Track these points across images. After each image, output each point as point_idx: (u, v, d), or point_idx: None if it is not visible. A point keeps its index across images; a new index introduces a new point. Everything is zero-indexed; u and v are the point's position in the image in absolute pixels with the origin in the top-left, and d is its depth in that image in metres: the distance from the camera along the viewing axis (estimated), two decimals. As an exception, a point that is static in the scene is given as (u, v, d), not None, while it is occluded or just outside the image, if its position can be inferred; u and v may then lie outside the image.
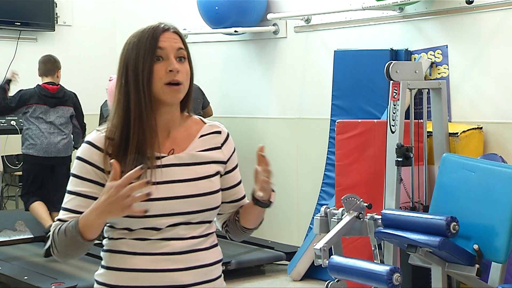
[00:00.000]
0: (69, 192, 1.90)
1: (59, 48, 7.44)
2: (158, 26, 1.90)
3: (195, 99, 6.38)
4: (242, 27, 6.47)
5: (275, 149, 6.66)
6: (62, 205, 1.90)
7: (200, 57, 7.16)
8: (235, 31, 6.46)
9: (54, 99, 6.10)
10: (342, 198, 4.02)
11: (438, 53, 5.31)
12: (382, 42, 5.66)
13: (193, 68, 1.94)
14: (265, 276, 5.95)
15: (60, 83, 6.22)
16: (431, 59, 5.34)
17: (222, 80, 7.20)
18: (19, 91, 6.10)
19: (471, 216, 3.73)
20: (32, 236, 6.48)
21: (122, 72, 1.88)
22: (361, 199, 4.02)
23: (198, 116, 2.04)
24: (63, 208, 1.89)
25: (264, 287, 5.66)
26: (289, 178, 6.56)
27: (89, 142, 1.89)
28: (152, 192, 1.70)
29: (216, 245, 1.98)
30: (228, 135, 2.03)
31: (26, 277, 5.32)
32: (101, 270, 1.94)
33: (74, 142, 6.31)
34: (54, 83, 6.14)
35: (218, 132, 2.01)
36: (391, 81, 4.54)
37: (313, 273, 5.66)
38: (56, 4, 7.36)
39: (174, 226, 1.87)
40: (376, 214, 3.95)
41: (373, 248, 3.96)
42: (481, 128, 4.96)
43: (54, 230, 1.86)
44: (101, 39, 7.63)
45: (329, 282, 3.85)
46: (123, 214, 1.72)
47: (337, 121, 5.37)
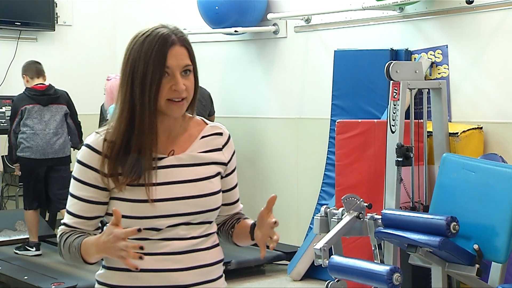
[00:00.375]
0: (72, 195, 1.91)
1: (59, 48, 7.45)
2: (167, 39, 1.84)
3: (203, 105, 6.33)
4: (242, 27, 6.47)
5: (275, 149, 6.67)
6: (67, 207, 1.92)
7: (200, 57, 7.08)
8: (235, 31, 6.46)
9: (45, 97, 6.03)
10: (342, 198, 4.02)
11: (438, 53, 5.31)
12: (382, 42, 5.66)
13: (198, 74, 1.94)
14: (265, 276, 5.95)
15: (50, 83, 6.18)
16: (431, 59, 5.34)
17: (222, 80, 7.20)
18: (12, 101, 6.09)
19: (471, 216, 3.73)
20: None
21: (128, 81, 1.84)
22: (361, 199, 4.02)
23: (201, 117, 2.03)
24: (68, 212, 1.92)
25: (264, 287, 5.66)
26: (289, 178, 6.56)
27: (89, 146, 1.88)
28: (144, 247, 1.72)
29: (218, 245, 1.98)
30: (230, 137, 2.02)
31: (26, 277, 5.32)
32: (102, 270, 1.94)
33: (72, 142, 6.30)
34: (43, 84, 6.09)
35: (220, 134, 2.00)
36: (391, 81, 4.54)
37: (313, 273, 5.66)
38: (56, 4, 7.36)
39: (174, 227, 1.87)
40: (376, 214, 3.96)
41: (373, 248, 3.96)
42: (481, 128, 4.96)
43: (62, 237, 1.89)
44: (101, 39, 7.63)
45: (329, 282, 3.85)
46: (118, 259, 1.74)
47: (337, 121, 5.37)
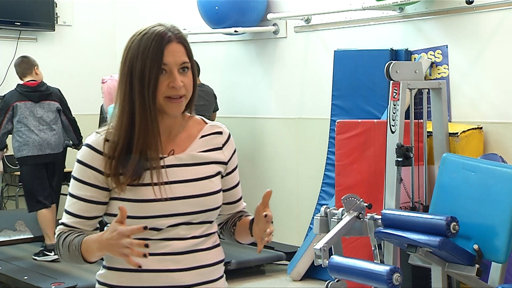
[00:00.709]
0: (71, 195, 1.90)
1: (59, 48, 7.45)
2: (163, 37, 1.83)
3: (208, 103, 6.32)
4: (242, 27, 6.47)
5: (275, 149, 6.67)
6: (65, 207, 1.92)
7: (200, 57, 7.15)
8: (235, 31, 6.46)
9: (37, 93, 6.02)
10: (342, 198, 4.02)
11: (438, 53, 5.31)
12: (382, 42, 5.66)
13: (196, 71, 1.93)
14: (265, 276, 5.95)
15: (43, 80, 6.16)
16: (431, 59, 5.34)
17: (222, 80, 7.19)
18: (2, 97, 6.08)
19: (471, 216, 3.73)
20: (32, 236, 6.48)
21: (127, 80, 1.85)
22: (361, 199, 4.02)
23: (200, 117, 2.03)
24: (66, 211, 1.91)
25: (264, 287, 5.66)
26: (289, 178, 6.56)
27: (89, 145, 1.88)
28: (149, 245, 1.72)
29: (218, 245, 1.98)
30: (230, 136, 2.02)
31: (26, 277, 5.32)
32: (103, 270, 1.94)
33: (69, 138, 6.29)
34: (34, 80, 6.09)
35: (220, 133, 2.00)
36: (391, 81, 4.54)
37: (313, 273, 5.66)
38: (56, 4, 7.36)
39: (175, 227, 1.87)
40: (376, 214, 3.95)
41: (373, 248, 3.96)
42: (481, 128, 4.96)
43: (60, 237, 1.89)
44: (101, 39, 7.63)
45: (329, 282, 3.85)
46: (119, 257, 1.74)
47: (337, 121, 5.37)
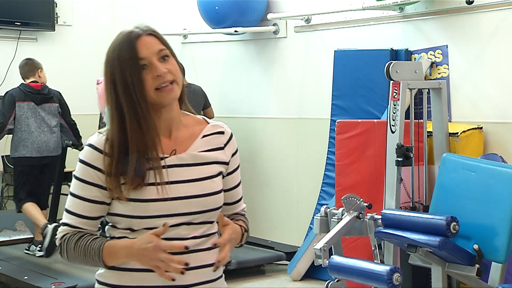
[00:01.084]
0: (73, 195, 1.90)
1: (59, 48, 7.45)
2: (131, 34, 1.85)
3: (197, 101, 6.36)
4: (242, 27, 6.46)
5: (275, 149, 6.67)
6: (67, 207, 1.91)
7: (200, 57, 7.16)
8: (235, 31, 6.46)
9: (40, 96, 6.04)
10: (342, 198, 4.02)
11: (438, 53, 5.31)
12: (382, 42, 5.66)
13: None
14: (265, 276, 5.95)
15: (45, 83, 6.16)
16: (431, 59, 5.34)
17: (222, 80, 7.19)
18: (6, 93, 6.08)
19: (471, 216, 3.73)
20: (32, 236, 6.47)
21: (111, 88, 1.85)
22: (361, 199, 4.02)
23: (202, 116, 2.03)
24: (69, 211, 1.90)
25: (264, 287, 5.66)
26: (289, 178, 6.56)
27: (92, 145, 1.89)
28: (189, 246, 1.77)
29: (218, 245, 1.98)
30: (232, 136, 2.02)
31: (26, 277, 5.32)
32: (102, 270, 1.94)
33: (70, 141, 6.30)
34: (37, 82, 6.09)
35: (221, 133, 2.00)
36: (391, 81, 4.54)
37: (313, 273, 5.66)
38: (56, 4, 7.36)
39: (176, 227, 1.87)
40: (376, 214, 3.95)
41: (373, 248, 3.96)
42: (481, 128, 4.96)
43: (68, 240, 1.87)
44: (101, 39, 7.57)
45: (329, 282, 3.85)
46: (150, 267, 1.76)
47: (337, 121, 5.37)
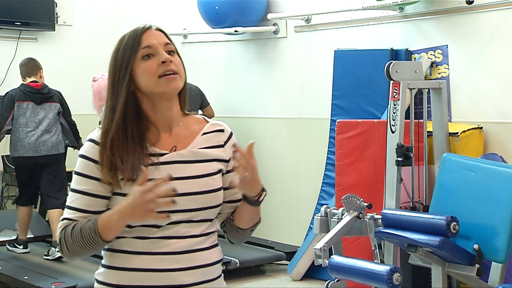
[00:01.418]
0: (74, 191, 1.90)
1: (59, 48, 7.44)
2: (139, 27, 1.93)
3: (194, 100, 6.37)
4: (242, 27, 6.47)
5: (275, 149, 6.67)
6: (68, 204, 1.91)
7: (200, 57, 7.16)
8: (235, 31, 6.46)
9: (40, 95, 6.02)
10: (342, 198, 4.02)
11: (438, 53, 5.31)
12: (382, 42, 5.66)
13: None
14: (265, 276, 5.95)
15: (45, 83, 6.16)
16: (431, 59, 5.34)
17: (222, 80, 7.19)
18: (6, 94, 6.07)
19: (471, 216, 3.73)
20: (32, 236, 6.48)
21: (111, 75, 1.92)
22: (361, 199, 4.02)
23: (202, 115, 2.05)
24: (69, 207, 1.90)
25: (264, 287, 5.66)
26: (289, 178, 6.56)
27: (92, 140, 1.90)
28: (176, 189, 1.74)
29: (217, 245, 1.98)
30: (231, 134, 2.03)
31: (26, 277, 5.32)
32: (102, 269, 1.94)
33: (68, 141, 6.30)
34: (37, 82, 6.08)
35: (221, 131, 2.01)
36: (391, 81, 4.54)
37: (313, 273, 5.66)
38: (56, 4, 7.36)
39: (175, 224, 1.87)
40: (376, 214, 3.95)
41: (373, 248, 3.96)
42: (481, 128, 4.96)
43: (65, 230, 1.86)
44: (101, 39, 7.62)
45: (329, 282, 3.85)
46: (146, 219, 1.74)
47: (337, 121, 5.37)
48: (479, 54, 5.11)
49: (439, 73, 5.30)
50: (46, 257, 5.91)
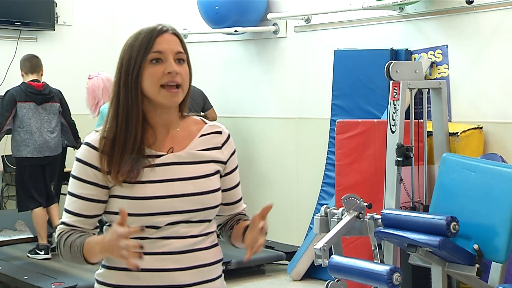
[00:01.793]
0: (71, 194, 1.91)
1: (59, 48, 7.44)
2: (156, 28, 1.89)
3: (196, 103, 6.36)
4: (242, 27, 6.47)
5: (275, 149, 6.67)
6: (65, 207, 1.92)
7: (200, 57, 7.16)
8: (235, 31, 6.46)
9: (41, 96, 6.01)
10: (342, 198, 4.02)
11: (438, 53, 5.31)
12: (382, 42, 5.66)
13: (192, 70, 1.94)
14: (265, 276, 5.95)
15: (46, 82, 6.16)
16: (431, 59, 5.34)
17: (222, 80, 7.20)
18: (6, 92, 6.05)
19: (471, 216, 3.73)
20: (32, 236, 6.47)
21: (117, 74, 1.89)
22: (361, 199, 4.02)
23: (200, 117, 2.04)
24: (67, 210, 1.91)
25: (264, 287, 5.66)
26: (289, 178, 6.56)
27: (87, 143, 1.90)
28: (144, 246, 1.72)
29: (217, 245, 1.98)
30: (229, 136, 2.02)
31: (26, 277, 5.32)
32: (102, 270, 1.94)
33: (67, 141, 6.30)
34: (39, 81, 6.06)
35: (219, 132, 2.00)
36: (391, 81, 4.54)
37: (313, 273, 5.66)
38: (56, 4, 7.35)
39: (174, 225, 1.87)
40: (376, 214, 3.95)
41: (373, 248, 3.96)
42: (481, 128, 4.96)
43: (61, 237, 1.88)
44: (101, 39, 7.62)
45: (329, 282, 3.85)
46: (120, 259, 1.73)
47: (337, 121, 5.37)
48: (479, 54, 5.11)
49: (439, 73, 5.30)
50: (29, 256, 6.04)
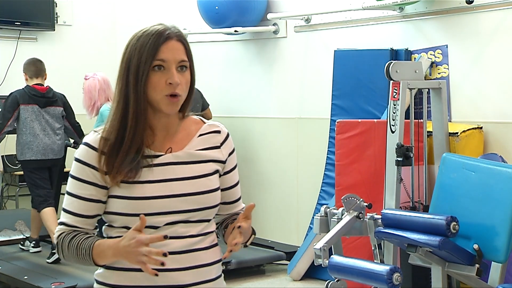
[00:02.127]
0: (70, 194, 1.90)
1: (59, 48, 7.44)
2: (163, 33, 1.86)
3: (198, 107, 6.38)
4: (242, 27, 6.47)
5: (275, 149, 6.67)
6: (64, 207, 1.91)
7: (200, 57, 7.16)
8: (235, 31, 6.46)
9: (44, 99, 6.00)
10: (342, 198, 4.02)
11: (438, 53, 5.31)
12: (382, 42, 5.66)
13: (195, 73, 1.93)
14: (265, 276, 5.95)
15: (49, 85, 6.16)
16: (431, 59, 5.34)
17: (222, 80, 7.20)
18: (10, 94, 6.05)
19: (471, 216, 3.73)
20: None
21: (123, 75, 1.87)
22: (361, 199, 4.02)
23: (198, 116, 2.03)
24: (66, 210, 1.91)
25: (264, 287, 5.66)
26: (289, 178, 6.56)
27: (87, 144, 1.89)
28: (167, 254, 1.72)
29: (216, 245, 1.98)
30: (228, 135, 2.02)
31: (26, 277, 5.32)
32: (101, 270, 1.94)
33: (74, 143, 6.30)
34: (42, 85, 6.05)
35: (218, 132, 2.00)
36: (391, 81, 4.54)
37: (313, 273, 5.66)
38: (56, 4, 7.36)
39: (173, 225, 1.87)
40: (376, 214, 3.96)
41: (373, 248, 3.96)
42: (481, 128, 4.96)
43: (63, 238, 1.88)
44: (101, 39, 7.63)
45: (329, 282, 3.85)
46: (136, 265, 1.74)
47: (337, 121, 5.37)
48: (479, 54, 5.11)
49: (439, 73, 5.30)
50: (21, 247, 6.15)
